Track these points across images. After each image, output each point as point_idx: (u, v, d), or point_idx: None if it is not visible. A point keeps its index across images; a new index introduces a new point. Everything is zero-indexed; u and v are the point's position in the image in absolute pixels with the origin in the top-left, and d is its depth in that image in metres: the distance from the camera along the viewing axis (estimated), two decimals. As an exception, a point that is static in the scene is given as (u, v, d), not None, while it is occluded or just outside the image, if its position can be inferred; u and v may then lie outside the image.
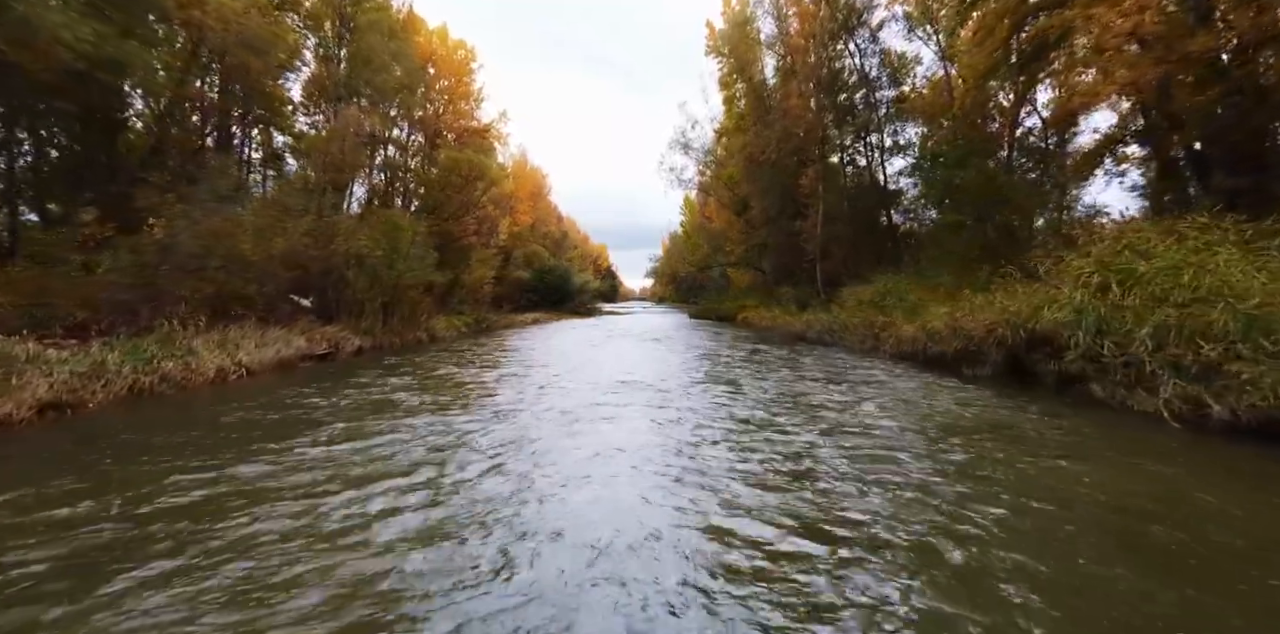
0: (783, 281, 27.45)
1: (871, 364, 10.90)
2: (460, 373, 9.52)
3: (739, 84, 28.60)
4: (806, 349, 14.05)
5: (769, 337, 18.74)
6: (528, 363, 11.13)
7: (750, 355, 12.69)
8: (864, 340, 13.89)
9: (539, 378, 9.04)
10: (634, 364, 11.14)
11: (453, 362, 11.15)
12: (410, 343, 15.07)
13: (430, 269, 17.52)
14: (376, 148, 26.19)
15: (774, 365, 10.66)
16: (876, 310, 14.11)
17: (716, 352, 13.50)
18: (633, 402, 7.11)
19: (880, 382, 8.76)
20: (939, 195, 15.83)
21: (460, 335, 18.65)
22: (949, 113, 19.07)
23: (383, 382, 8.34)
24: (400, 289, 15.07)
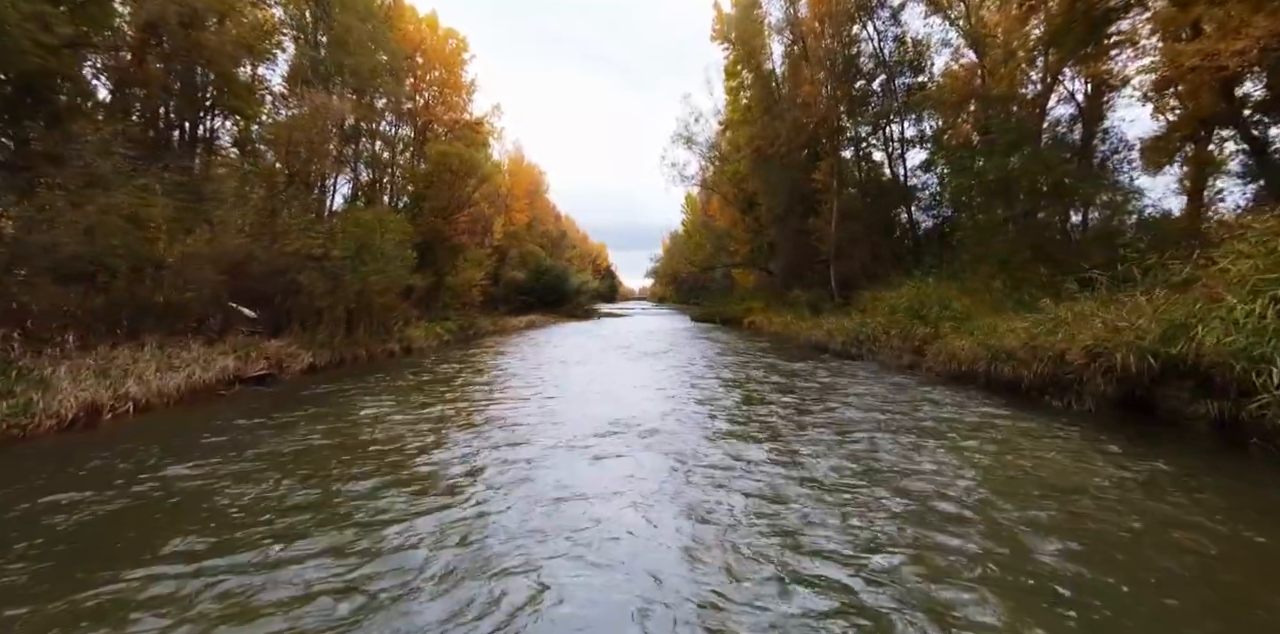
0: (793, 283, 25.38)
1: (922, 386, 8.81)
2: (391, 416, 6.67)
3: (745, 73, 26.51)
4: (836, 366, 11.97)
5: (784, 346, 16.67)
6: (496, 393, 8.57)
7: (772, 374, 10.62)
8: (900, 355, 11.84)
9: (498, 426, 6.26)
10: (632, 395, 8.47)
11: (400, 391, 8.60)
12: (379, 356, 12.99)
13: (407, 271, 15.45)
14: (359, 140, 24.17)
15: (810, 394, 8.56)
16: (914, 319, 12.06)
17: (731, 370, 11.41)
18: (625, 490, 4.29)
19: (962, 423, 6.68)
20: (985, 187, 13.71)
21: (441, 345, 16.57)
22: (987, 97, 16.97)
23: (281, 432, 5.97)
24: (368, 294, 13.00)
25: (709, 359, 13.00)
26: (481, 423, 6.47)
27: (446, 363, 12.05)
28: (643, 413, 6.94)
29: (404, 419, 6.55)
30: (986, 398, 8.07)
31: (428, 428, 6.20)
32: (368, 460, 5.09)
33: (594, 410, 7.06)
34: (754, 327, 25.33)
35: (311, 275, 11.29)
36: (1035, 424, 6.37)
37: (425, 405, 7.34)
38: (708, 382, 9.60)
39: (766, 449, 5.43)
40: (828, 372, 10.71)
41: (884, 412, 7.01)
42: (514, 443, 5.65)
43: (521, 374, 10.36)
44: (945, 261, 18.51)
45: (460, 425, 6.35)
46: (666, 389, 8.91)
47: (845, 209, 22.07)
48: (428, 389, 8.62)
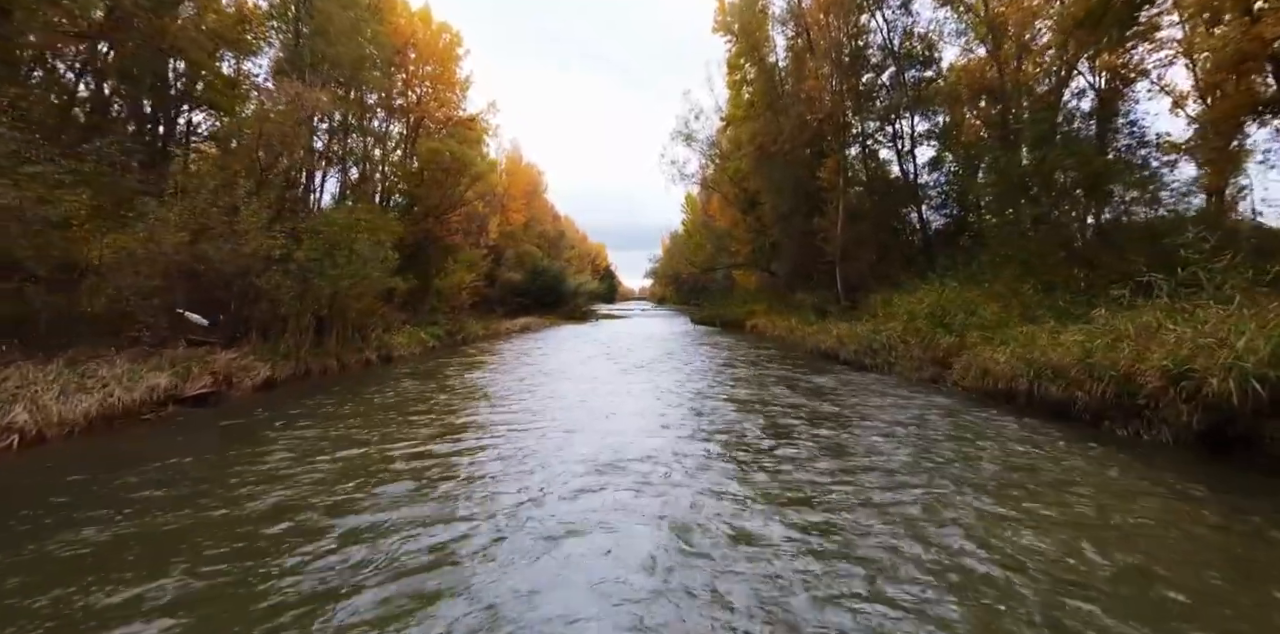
0: (796, 286, 24.22)
1: (958, 408, 7.63)
2: (310, 458, 5.30)
3: (748, 67, 25.34)
4: (853, 379, 10.80)
5: (791, 354, 15.50)
6: (461, 418, 7.11)
7: (787, 393, 9.45)
8: (921, 366, 10.68)
9: (442, 477, 4.83)
10: (626, 425, 6.92)
11: (345, 418, 7.16)
12: (353, 367, 11.83)
13: (387, 273, 14.30)
14: (348, 136, 23.06)
15: (837, 422, 7.39)
16: (936, 327, 10.90)
17: (741, 387, 10.25)
18: (603, 581, 3.15)
19: (1033, 466, 5.51)
20: (1009, 184, 12.53)
21: (425, 352, 15.41)
22: (1003, 89, 15.82)
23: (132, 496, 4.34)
24: (342, 299, 11.85)
25: (714, 371, 11.80)
26: (426, 469, 5.11)
27: (417, 377, 10.78)
28: (637, 454, 5.59)
29: (321, 468, 5.05)
30: (1037, 423, 6.90)
31: (349, 485, 4.63)
32: (208, 558, 3.40)
33: (576, 451, 5.69)
34: (756, 330, 24.18)
35: (274, 279, 10.13)
36: (1131, 475, 5.20)
37: (362, 442, 5.93)
38: (715, 403, 8.30)
39: (800, 519, 4.03)
40: (847, 389, 9.49)
41: (933, 450, 5.73)
42: (451, 517, 4.00)
43: (499, 392, 9.07)
44: (960, 263, 17.37)
45: (394, 476, 4.91)
46: (667, 415, 7.54)
47: (852, 208, 20.92)
48: (379, 415, 7.29)
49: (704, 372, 11.55)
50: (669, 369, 12.00)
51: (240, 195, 10.15)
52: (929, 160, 21.50)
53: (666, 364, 12.75)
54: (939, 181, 21.18)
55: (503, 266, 35.37)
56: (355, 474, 4.93)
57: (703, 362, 13.17)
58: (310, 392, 9.12)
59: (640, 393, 9.09)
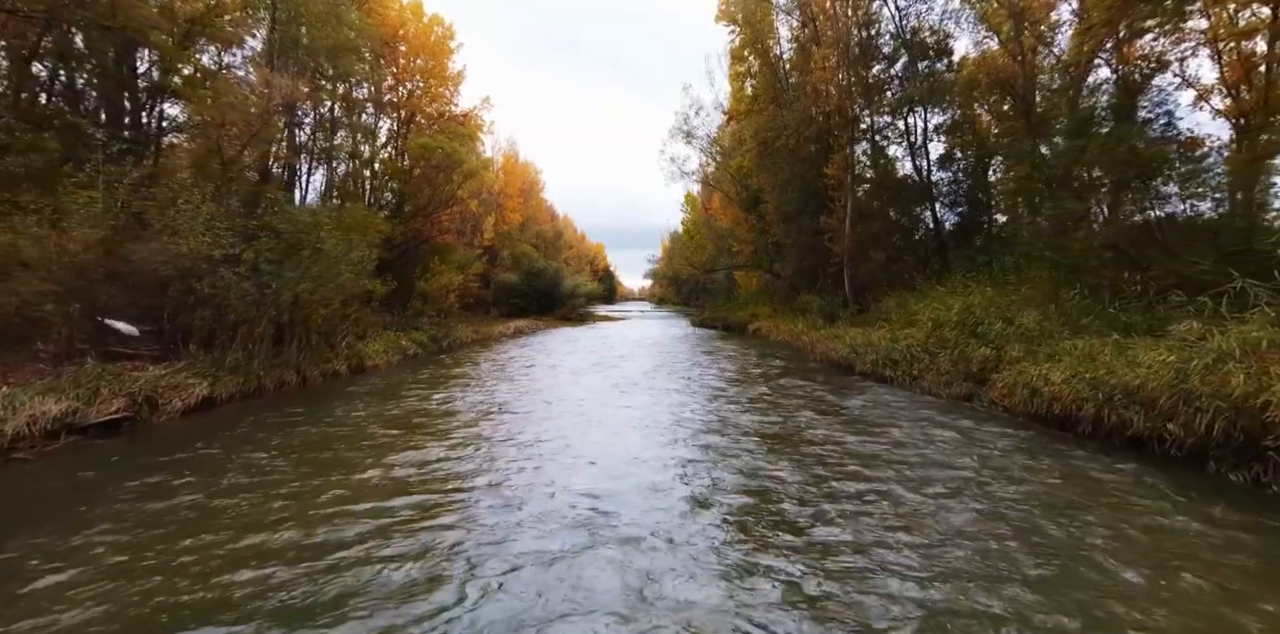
0: (802, 287, 22.90)
1: (1017, 441, 6.28)
2: (181, 524, 4.04)
3: (752, 59, 24.01)
4: (880, 398, 9.46)
5: (803, 364, 14.15)
6: (399, 470, 5.25)
7: (812, 420, 8.13)
8: (950, 381, 9.35)
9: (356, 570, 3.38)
10: (619, 474, 5.31)
11: (280, 450, 5.94)
12: (316, 380, 10.49)
13: (363, 275, 13.00)
14: (334, 130, 21.77)
15: (875, 467, 6.05)
16: (969, 337, 9.57)
17: (756, 413, 8.75)
18: None
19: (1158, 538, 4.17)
20: (1045, 178, 11.18)
21: (403, 362, 14.07)
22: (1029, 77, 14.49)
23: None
24: (305, 304, 10.53)
25: (721, 387, 10.30)
26: (342, 559, 3.61)
27: (375, 397, 9.14)
28: (634, 531, 4.01)
29: (143, 563, 3.45)
30: (1112, 461, 5.58)
31: (219, 579, 3.25)
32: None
33: (548, 529, 4.05)
34: (759, 334, 22.86)
35: (218, 282, 8.82)
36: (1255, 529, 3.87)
37: (227, 519, 4.17)
38: (727, 441, 6.56)
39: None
40: (880, 413, 8.03)
41: (1040, 525, 4.20)
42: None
43: (467, 419, 7.50)
44: (979, 265, 16.07)
45: (291, 567, 3.45)
46: (666, 463, 5.65)
47: (860, 207, 19.59)
48: (293, 458, 5.74)
49: (711, 390, 9.96)
50: (670, 386, 10.38)
51: (172, 189, 8.82)
52: (940, 156, 20.22)
53: (667, 378, 11.25)
54: (953, 178, 19.87)
55: (498, 267, 34.09)
56: (256, 546, 3.60)
57: (708, 375, 11.75)
58: (249, 415, 7.78)
59: (635, 424, 7.32)
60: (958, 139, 19.91)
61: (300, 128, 20.53)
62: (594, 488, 4.90)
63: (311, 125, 21.19)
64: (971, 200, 19.46)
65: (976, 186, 19.48)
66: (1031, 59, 18.56)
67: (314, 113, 21.17)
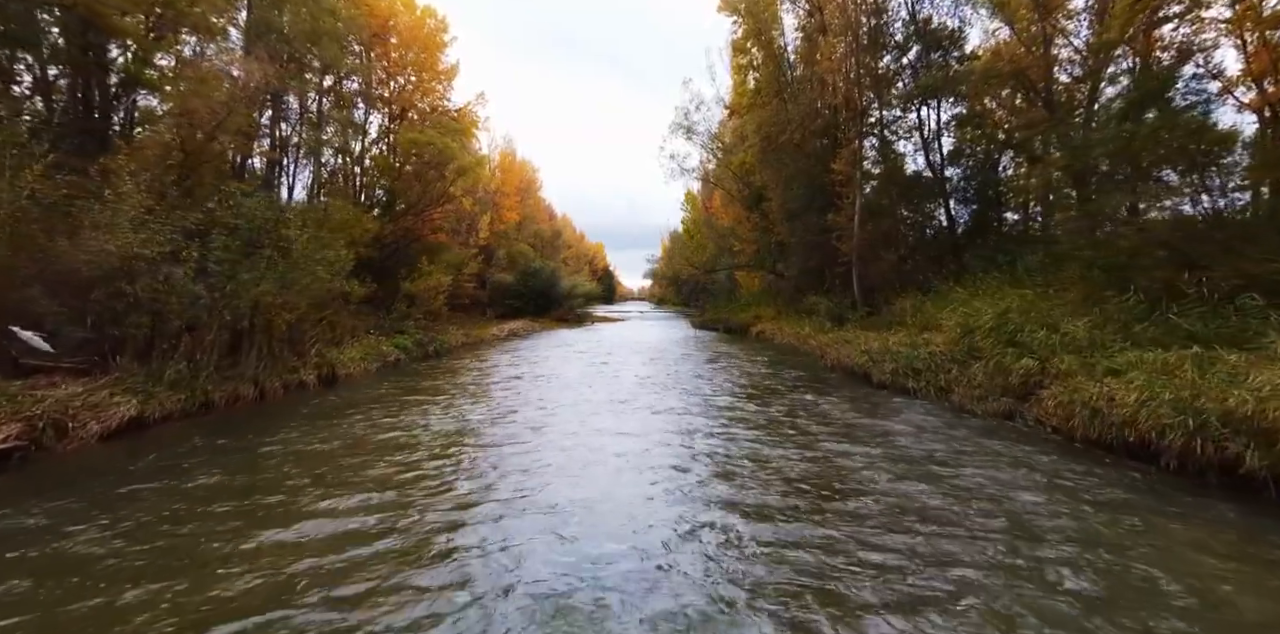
0: (808, 288, 21.75)
1: (1087, 475, 5.08)
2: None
3: (755, 50, 22.86)
4: (915, 418, 8.31)
5: (817, 373, 13.02)
6: (333, 526, 4.20)
7: (844, 450, 6.96)
8: (987, 396, 8.21)
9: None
10: (594, 535, 4.14)
11: (187, 494, 4.76)
12: (278, 393, 9.34)
13: (339, 275, 11.88)
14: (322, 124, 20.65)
15: (947, 536, 4.89)
16: (1006, 346, 8.42)
17: (770, 437, 6.99)
18: None
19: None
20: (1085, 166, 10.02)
21: (384, 369, 12.91)
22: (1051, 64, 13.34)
23: None
24: (268, 309, 9.38)
25: (732, 406, 8.84)
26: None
27: (332, 417, 7.96)
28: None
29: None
30: (1218, 505, 4.45)
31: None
32: None
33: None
34: (763, 337, 21.73)
35: (161, 285, 7.68)
36: None
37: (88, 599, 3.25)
38: (753, 487, 5.09)
39: None
40: (921, 436, 6.84)
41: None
42: None
43: (426, 455, 6.00)
44: (999, 265, 14.94)
45: None
46: (675, 516, 4.44)
47: (870, 204, 18.45)
48: (215, 508, 4.58)
49: (720, 410, 8.44)
50: (673, 403, 8.89)
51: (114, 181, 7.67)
52: (953, 150, 19.09)
53: (669, 394, 9.85)
54: (965, 174, 18.74)
55: (494, 267, 32.95)
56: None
57: (715, 388, 10.44)
58: (184, 439, 6.63)
59: (633, 465, 5.73)
60: (971, 133, 18.82)
61: (285, 121, 19.44)
62: (577, 575, 3.68)
63: (298, 119, 20.10)
64: (982, 197, 18.38)
65: (987, 183, 18.43)
66: (1048, 49, 17.49)
67: (300, 105, 20.08)
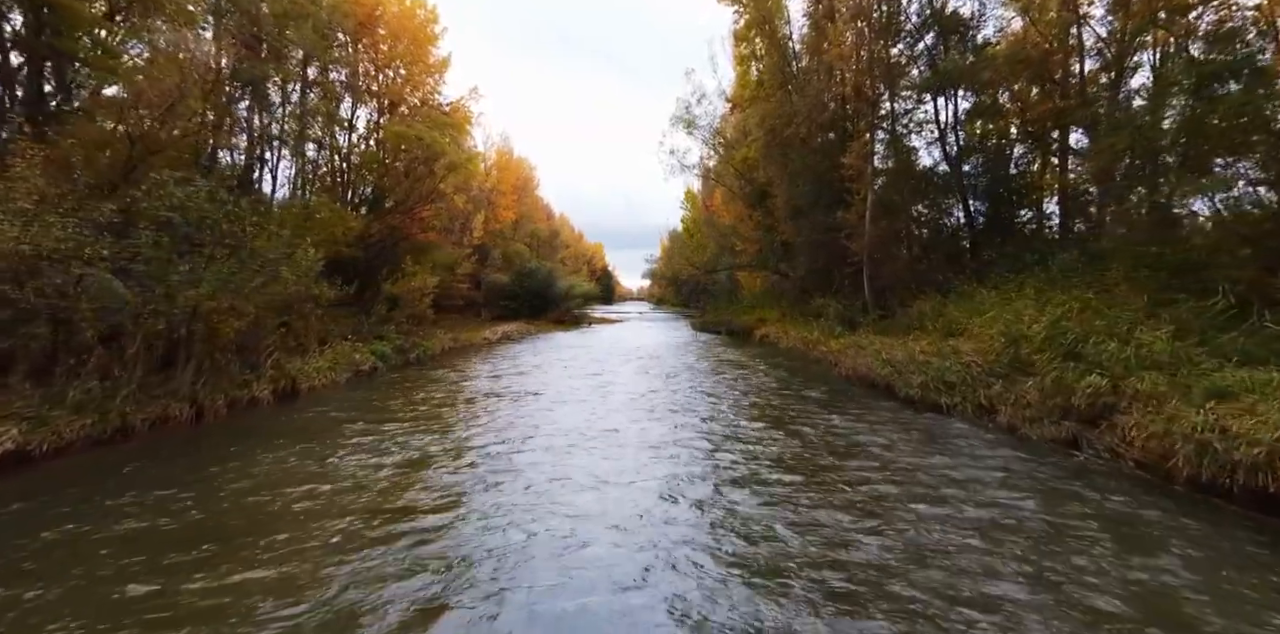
0: (814, 289, 20.41)
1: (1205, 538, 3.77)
2: None
3: (758, 40, 21.52)
4: (950, 443, 6.99)
5: (833, 385, 11.70)
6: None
7: (906, 510, 5.56)
8: (1042, 417, 6.89)
9: None
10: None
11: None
12: (219, 412, 7.99)
13: (307, 276, 10.56)
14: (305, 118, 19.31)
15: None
16: (1065, 360, 7.10)
17: (792, 477, 5.47)
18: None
19: None
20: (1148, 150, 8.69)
21: (355, 380, 11.56)
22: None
23: None
24: (211, 314, 8.04)
25: (744, 436, 7.20)
26: None
27: (272, 446, 6.62)
28: None
29: None
30: None
31: None
32: None
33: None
34: (767, 341, 20.40)
35: (64, 287, 6.35)
36: None
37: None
38: (789, 579, 3.64)
39: None
40: (987, 484, 5.40)
41: None
42: None
43: (362, 517, 4.46)
44: (1028, 264, 13.63)
45: None
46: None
47: (882, 199, 17.12)
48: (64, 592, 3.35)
49: (734, 441, 6.80)
50: (674, 433, 7.14)
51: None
52: (971, 144, 17.79)
53: (670, 416, 8.18)
54: (982, 169, 17.44)
55: (489, 267, 31.62)
56: None
57: (723, 407, 8.85)
58: (74, 480, 5.29)
59: (624, 541, 4.12)
60: (984, 127, 17.54)
61: (265, 112, 18.10)
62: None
63: (278, 111, 18.75)
64: (1000, 193, 17.10)
65: (1001, 179, 17.18)
66: (1078, 36, 16.32)
67: (282, 96, 18.75)
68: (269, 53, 16.01)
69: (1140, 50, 15.66)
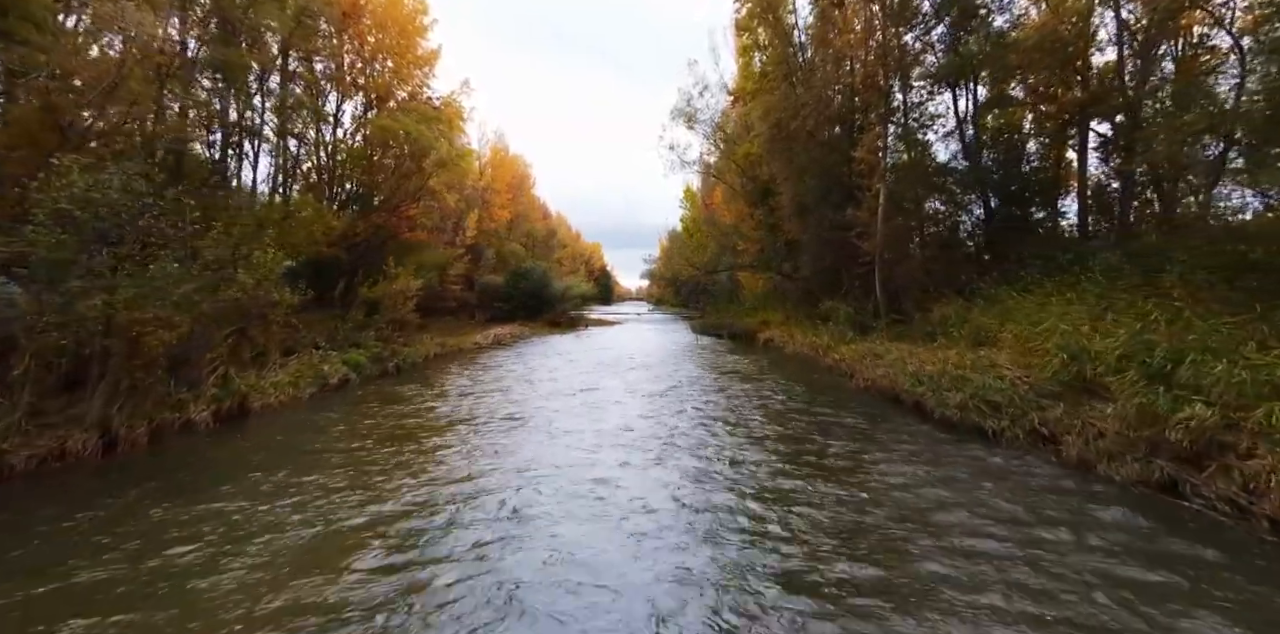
0: (821, 290, 19.08)
1: None
2: None
3: (762, 30, 20.16)
4: (1027, 495, 5.65)
5: (851, 398, 10.37)
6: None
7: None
8: (1124, 452, 5.58)
9: None
10: None
11: None
12: (134, 442, 6.63)
13: (268, 280, 9.22)
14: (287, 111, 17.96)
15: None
16: (1149, 379, 5.77)
17: (832, 549, 4.09)
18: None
19: None
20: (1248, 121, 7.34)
21: (322, 395, 10.20)
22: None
23: None
24: (126, 327, 6.69)
25: (767, 485, 5.63)
26: None
27: (177, 493, 5.22)
28: None
29: None
30: None
31: None
32: None
33: None
34: (772, 346, 19.07)
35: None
36: None
37: None
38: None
39: None
40: (1102, 568, 4.07)
41: None
42: None
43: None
44: (1064, 264, 12.31)
45: None
46: None
47: (896, 196, 15.78)
48: None
49: (756, 497, 5.15)
50: (676, 488, 5.42)
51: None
52: (989, 136, 16.50)
53: (669, 458, 6.38)
54: (1000, 163, 16.14)
55: (483, 267, 30.27)
56: None
57: (737, 437, 7.40)
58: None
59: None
60: (1013, 115, 16.25)
61: (241, 103, 16.70)
62: None
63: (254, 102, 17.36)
64: (1012, 190, 15.82)
65: (1016, 175, 15.92)
66: (1088, 25, 15.12)
67: (260, 87, 17.36)
68: (245, 39, 14.63)
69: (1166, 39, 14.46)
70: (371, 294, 14.64)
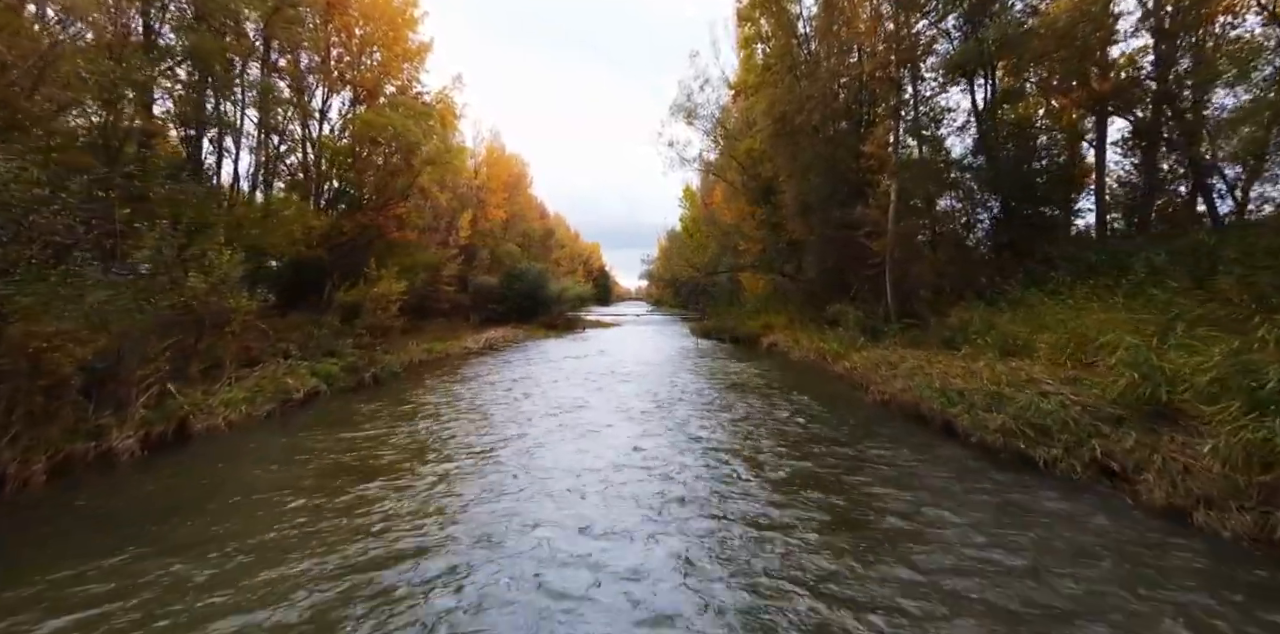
0: (827, 292, 17.95)
1: None
2: None
3: (764, 21, 19.01)
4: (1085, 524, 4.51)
5: (869, 415, 9.23)
6: None
7: None
8: (1228, 498, 4.47)
9: None
10: None
11: None
12: (29, 481, 5.47)
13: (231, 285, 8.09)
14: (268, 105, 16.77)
15: None
16: (1251, 404, 4.67)
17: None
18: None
19: None
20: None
21: (282, 412, 9.00)
22: None
23: None
24: (20, 343, 5.55)
25: (804, 554, 4.12)
26: None
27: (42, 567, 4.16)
28: None
29: None
30: None
31: None
32: None
33: None
34: (776, 351, 17.94)
35: None
36: None
37: None
38: None
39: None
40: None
41: None
42: None
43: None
44: (1093, 265, 11.22)
45: None
46: None
47: (907, 193, 14.64)
48: None
49: (775, 564, 3.98)
50: (687, 554, 4.17)
51: None
52: (1004, 133, 15.39)
53: (676, 511, 4.98)
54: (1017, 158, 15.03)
55: (477, 268, 29.11)
56: None
57: (749, 481, 5.91)
58: None
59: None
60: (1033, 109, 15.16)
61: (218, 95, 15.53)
62: None
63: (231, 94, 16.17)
64: (1032, 187, 14.74)
65: (1034, 172, 14.87)
66: (1106, 16, 14.07)
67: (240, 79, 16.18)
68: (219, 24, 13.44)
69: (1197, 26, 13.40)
70: (348, 298, 13.47)
